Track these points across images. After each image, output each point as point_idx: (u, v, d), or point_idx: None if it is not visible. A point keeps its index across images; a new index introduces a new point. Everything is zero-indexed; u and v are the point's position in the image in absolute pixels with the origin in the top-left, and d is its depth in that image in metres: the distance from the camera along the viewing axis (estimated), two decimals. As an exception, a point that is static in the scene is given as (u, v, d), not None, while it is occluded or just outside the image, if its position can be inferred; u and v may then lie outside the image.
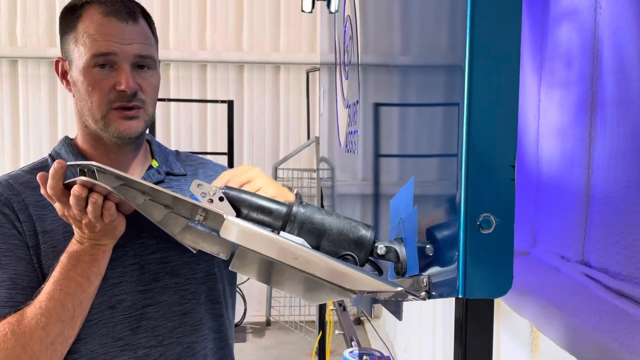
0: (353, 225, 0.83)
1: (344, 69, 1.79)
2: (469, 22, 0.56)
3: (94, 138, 1.14)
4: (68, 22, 1.09)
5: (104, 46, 1.04)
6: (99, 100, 1.06)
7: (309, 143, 5.51)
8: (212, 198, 0.83)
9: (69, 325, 1.00)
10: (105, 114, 1.07)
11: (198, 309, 1.18)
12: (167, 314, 1.14)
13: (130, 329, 1.11)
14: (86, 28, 1.05)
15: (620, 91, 1.35)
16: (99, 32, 1.05)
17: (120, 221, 0.94)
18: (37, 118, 5.70)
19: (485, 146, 0.57)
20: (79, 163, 0.87)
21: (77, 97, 1.10)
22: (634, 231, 1.31)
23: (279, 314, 5.57)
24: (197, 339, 1.18)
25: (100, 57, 1.05)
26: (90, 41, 1.04)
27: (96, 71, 1.05)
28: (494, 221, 0.58)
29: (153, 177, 1.20)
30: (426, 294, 0.71)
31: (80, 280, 0.98)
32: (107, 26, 1.05)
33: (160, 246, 1.15)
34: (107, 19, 1.05)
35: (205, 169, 1.33)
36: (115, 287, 1.10)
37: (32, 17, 5.66)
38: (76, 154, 1.15)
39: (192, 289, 1.18)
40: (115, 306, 1.10)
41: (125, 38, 1.06)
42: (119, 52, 1.05)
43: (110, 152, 1.14)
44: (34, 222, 1.08)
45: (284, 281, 0.86)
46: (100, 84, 1.05)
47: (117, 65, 1.06)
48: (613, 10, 1.37)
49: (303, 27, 5.82)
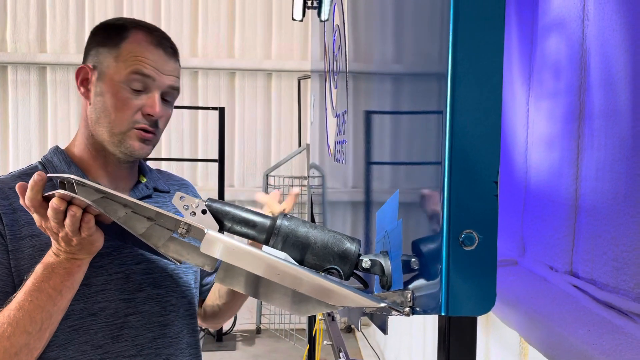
0: (338, 239, 0.82)
1: (334, 77, 1.78)
2: (451, 45, 0.55)
3: (96, 149, 1.16)
4: (111, 37, 1.14)
5: (147, 68, 1.11)
6: (124, 117, 1.11)
7: (300, 150, 5.50)
8: (194, 211, 0.82)
9: (35, 337, 0.98)
10: (125, 130, 1.12)
11: (177, 322, 1.20)
12: (147, 324, 1.15)
13: (111, 337, 1.11)
14: (133, 49, 1.12)
15: (608, 102, 1.36)
16: (145, 56, 1.12)
17: (98, 237, 0.92)
18: (27, 124, 5.67)
19: (467, 162, 0.57)
20: (59, 175, 0.86)
21: (99, 107, 1.13)
22: (622, 242, 1.31)
23: (269, 322, 5.54)
24: (175, 352, 1.19)
25: (139, 77, 1.11)
26: (134, 61, 1.11)
27: (129, 89, 1.11)
28: (476, 237, 0.57)
29: (142, 191, 1.23)
30: (410, 310, 0.71)
31: (51, 293, 0.96)
32: (154, 53, 1.13)
33: (146, 257, 1.16)
34: (155, 48, 1.14)
35: (186, 190, 1.39)
36: (99, 294, 1.10)
37: (22, 22, 5.64)
38: (69, 163, 1.17)
39: (173, 301, 1.20)
40: (97, 313, 1.10)
41: (165, 69, 1.14)
42: (157, 79, 1.12)
43: (109, 165, 1.18)
44: (19, 227, 1.07)
45: (271, 294, 0.85)
46: (130, 103, 1.11)
47: (150, 90, 1.12)
48: (600, 22, 1.38)
49: (295, 34, 5.83)
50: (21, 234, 1.07)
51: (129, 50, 1.12)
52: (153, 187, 1.27)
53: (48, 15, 5.68)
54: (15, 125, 5.67)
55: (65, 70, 5.71)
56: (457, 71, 0.56)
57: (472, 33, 0.56)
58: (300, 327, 5.40)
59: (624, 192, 1.29)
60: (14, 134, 5.68)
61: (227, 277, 0.85)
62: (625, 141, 1.29)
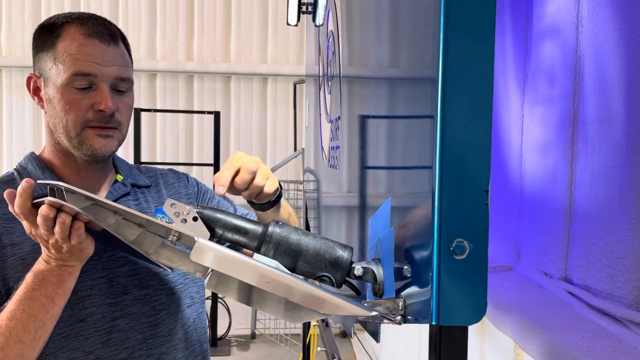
0: (330, 246, 0.81)
1: (328, 83, 1.78)
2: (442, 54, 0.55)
3: (65, 155, 1.13)
4: (45, 40, 1.09)
5: (85, 66, 1.05)
6: (76, 118, 1.07)
7: (295, 155, 5.49)
8: (185, 218, 0.81)
9: (29, 346, 0.97)
10: (79, 131, 1.08)
11: (168, 319, 1.18)
12: (136, 326, 1.14)
13: (101, 342, 1.10)
14: (67, 47, 1.06)
15: (602, 109, 1.36)
16: (80, 52, 1.06)
17: (88, 243, 0.91)
18: (21, 127, 5.65)
19: (458, 171, 0.56)
20: (48, 182, 0.85)
21: (51, 114, 1.10)
22: (616, 249, 1.31)
23: (264, 327, 5.52)
24: (167, 350, 1.18)
25: (81, 77, 1.06)
26: (71, 60, 1.05)
27: (74, 90, 1.06)
28: (467, 246, 0.57)
29: (120, 190, 1.20)
30: (402, 318, 0.70)
31: (44, 301, 0.95)
32: (89, 47, 1.07)
33: (129, 259, 1.14)
34: (89, 40, 1.07)
35: (165, 178, 1.33)
36: (85, 300, 1.08)
37: (17, 26, 5.62)
38: (43, 169, 1.14)
39: (162, 300, 1.17)
40: (85, 319, 1.08)
41: (106, 60, 1.08)
42: (99, 74, 1.07)
43: (80, 169, 1.15)
44: (0, 235, 1.06)
45: (264, 301, 0.84)
46: (79, 103, 1.06)
47: (96, 85, 1.07)
48: (594, 29, 1.38)
49: (291, 39, 5.83)
50: (2, 242, 1.06)
51: (64, 49, 1.06)
52: (131, 184, 1.23)
53: (43, 19, 5.66)
54: (9, 129, 5.65)
55: (60, 73, 5.69)
56: (448, 80, 0.56)
57: (463, 41, 0.55)
58: (295, 333, 5.38)
59: (618, 199, 1.29)
60: (8, 137, 5.65)
61: (219, 284, 0.85)
62: (619, 147, 1.29)
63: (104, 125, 1.08)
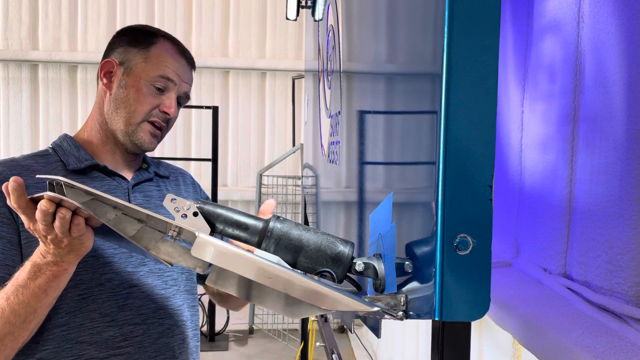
0: (331, 241, 0.81)
1: (327, 78, 1.78)
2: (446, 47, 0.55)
3: (107, 135, 1.27)
4: (140, 40, 1.28)
5: (171, 74, 1.26)
6: (143, 109, 1.24)
7: (294, 150, 5.49)
8: (186, 213, 0.81)
9: (19, 327, 1.01)
10: (140, 122, 1.25)
11: (178, 295, 1.28)
12: (150, 296, 1.23)
13: (117, 306, 1.18)
14: (161, 54, 1.27)
15: (602, 105, 1.36)
16: (170, 63, 1.27)
17: (87, 237, 0.92)
18: (18, 121, 5.63)
19: (462, 166, 0.56)
20: (47, 177, 0.85)
21: (120, 97, 1.25)
22: (616, 245, 1.31)
23: (262, 322, 5.53)
24: (176, 322, 1.27)
25: (163, 79, 1.26)
26: (162, 65, 1.26)
27: (153, 88, 1.25)
28: (471, 242, 0.57)
29: (144, 175, 1.33)
30: (403, 314, 0.70)
31: (37, 292, 0.98)
32: (179, 62, 1.30)
33: None
34: (180, 57, 1.30)
35: (184, 178, 1.48)
36: (105, 266, 1.17)
37: (14, 19, 5.60)
38: (78, 147, 1.26)
39: (174, 276, 1.28)
40: (105, 283, 1.17)
41: (184, 76, 1.31)
42: (177, 83, 1.28)
43: (116, 152, 1.29)
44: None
45: (264, 296, 0.84)
46: (150, 99, 1.25)
47: (169, 92, 1.27)
48: (595, 25, 1.37)
49: (289, 33, 5.82)
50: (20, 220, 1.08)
51: (157, 55, 1.26)
52: (154, 172, 1.37)
53: (40, 13, 5.64)
54: (6, 123, 5.63)
55: (57, 67, 5.67)
56: (452, 74, 0.55)
57: (467, 35, 0.55)
58: (293, 328, 5.39)
59: (618, 195, 1.29)
60: (5, 131, 5.64)
61: (219, 279, 0.84)
62: (620, 143, 1.28)
63: (161, 124, 1.27)
